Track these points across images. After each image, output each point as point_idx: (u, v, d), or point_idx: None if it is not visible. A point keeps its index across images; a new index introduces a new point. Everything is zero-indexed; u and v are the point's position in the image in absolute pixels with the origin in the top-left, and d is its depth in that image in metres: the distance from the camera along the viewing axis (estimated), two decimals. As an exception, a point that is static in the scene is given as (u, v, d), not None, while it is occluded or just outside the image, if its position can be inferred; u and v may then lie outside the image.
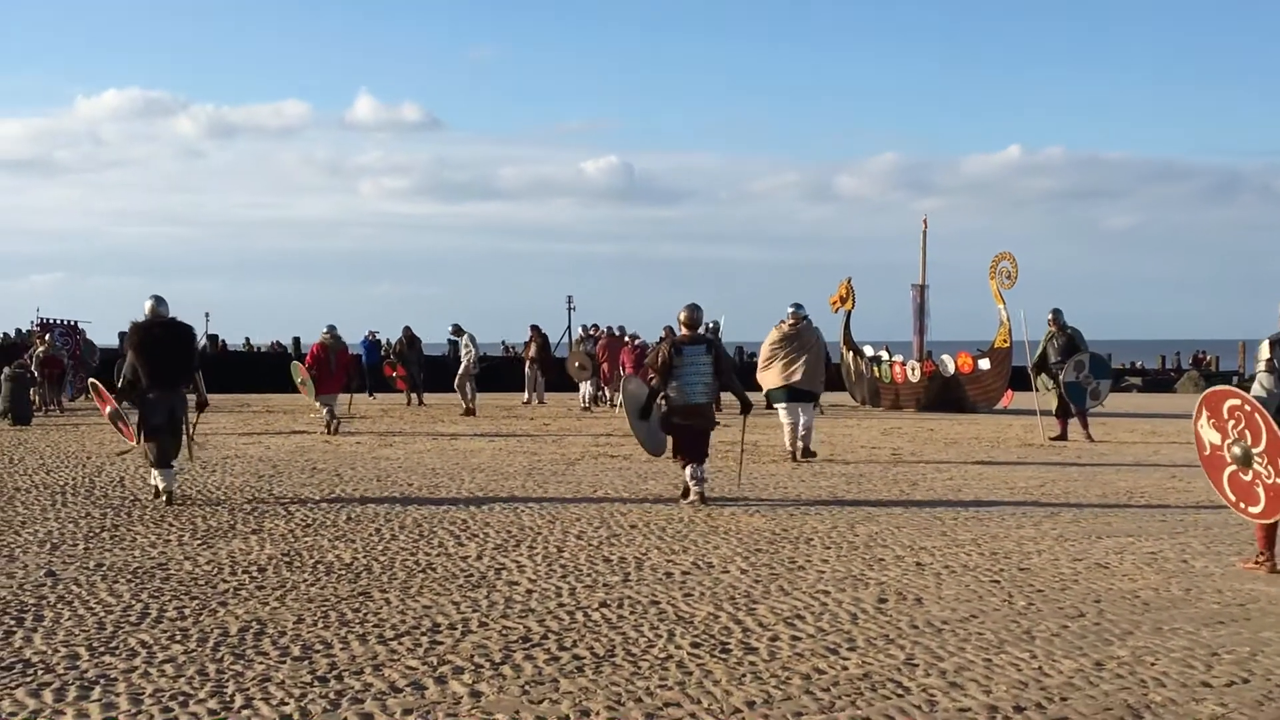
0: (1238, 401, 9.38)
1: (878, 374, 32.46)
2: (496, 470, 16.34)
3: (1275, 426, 9.15)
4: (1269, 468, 9.16)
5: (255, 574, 9.31)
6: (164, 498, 13.21)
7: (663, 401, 13.60)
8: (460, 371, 28.87)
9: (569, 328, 60.81)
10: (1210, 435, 9.64)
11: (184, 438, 13.61)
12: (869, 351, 33.48)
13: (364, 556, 10.03)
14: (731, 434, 22.37)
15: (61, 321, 35.43)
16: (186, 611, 8.06)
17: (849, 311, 33.58)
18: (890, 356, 32.79)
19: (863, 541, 10.83)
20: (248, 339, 58.72)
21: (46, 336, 30.70)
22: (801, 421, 17.94)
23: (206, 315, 76.49)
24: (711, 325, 31.12)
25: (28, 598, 8.45)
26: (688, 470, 13.50)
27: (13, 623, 7.73)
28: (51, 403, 28.80)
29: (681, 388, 13.50)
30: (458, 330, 30.31)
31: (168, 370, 13.31)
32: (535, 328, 32.73)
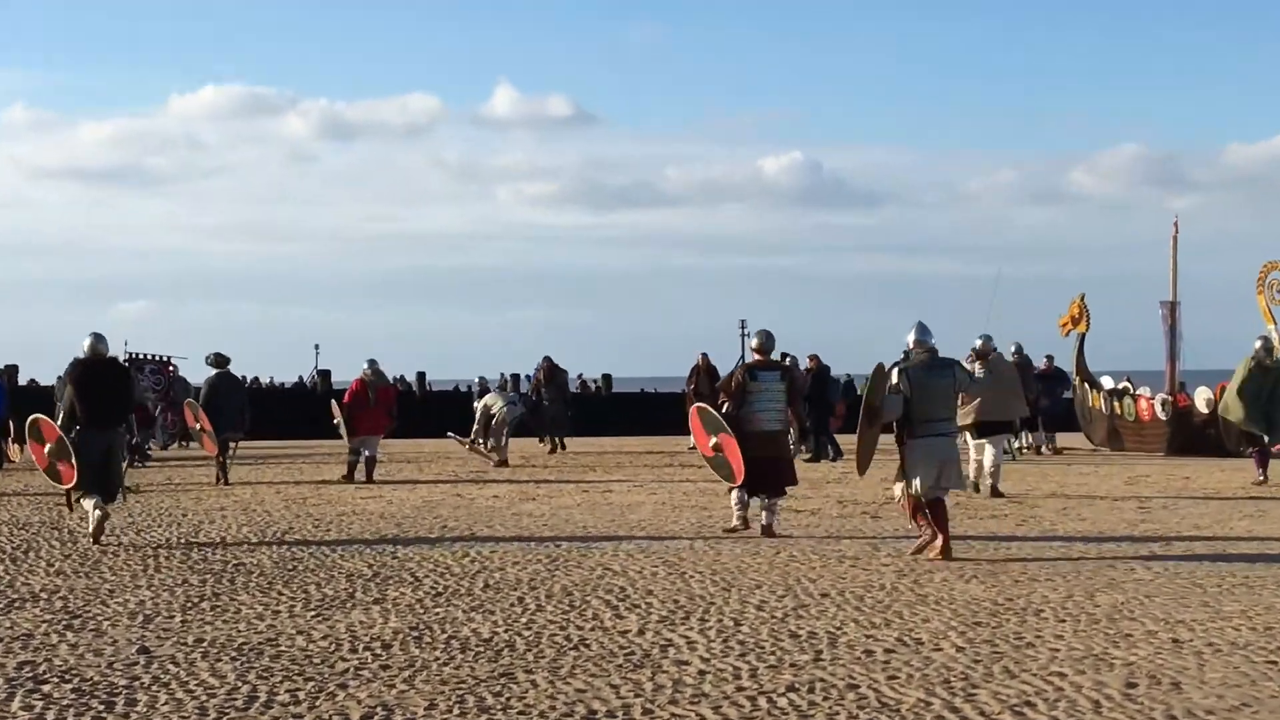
0: None
1: (1119, 410, 31.95)
2: (660, 528, 16.39)
3: None
4: None
5: (379, 651, 9.45)
6: (92, 532, 15.13)
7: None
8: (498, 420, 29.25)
9: (742, 357, 60.80)
10: None
11: (119, 477, 15.59)
12: (1108, 384, 32.96)
13: (505, 631, 10.12)
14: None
15: (152, 357, 36.34)
16: (301, 695, 8.21)
17: (1082, 335, 33.12)
18: (1134, 390, 32.23)
19: (1105, 613, 10.65)
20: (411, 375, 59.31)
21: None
22: (989, 456, 20.04)
23: (316, 348, 77.85)
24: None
25: (118, 678, 8.68)
26: (736, 497, 15.55)
27: (101, 708, 7.94)
28: (138, 453, 29.49)
29: (756, 414, 15.30)
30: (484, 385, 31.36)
31: (105, 409, 15.31)
32: (704, 356, 32.83)
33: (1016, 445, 29.81)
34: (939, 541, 13.59)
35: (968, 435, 20.55)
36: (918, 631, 9.98)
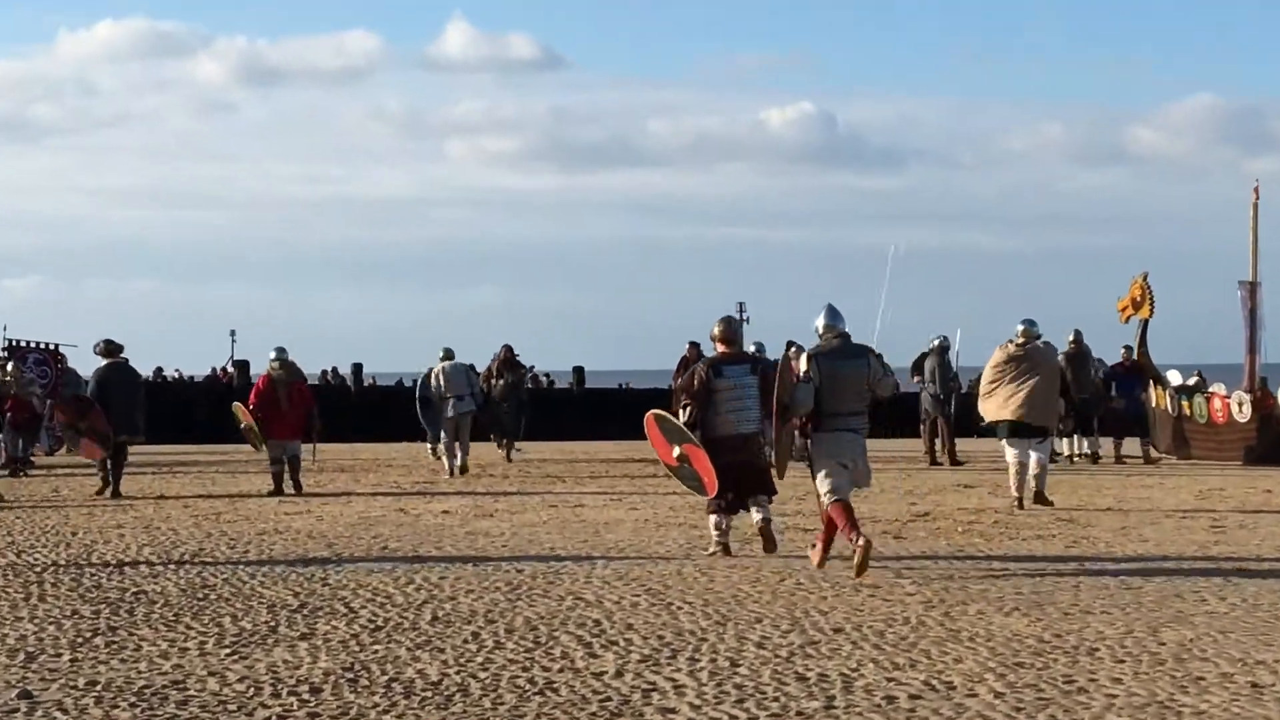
0: None
1: (1188, 411, 32.00)
2: (641, 550, 16.39)
3: None
4: None
5: (307, 696, 9.43)
6: None
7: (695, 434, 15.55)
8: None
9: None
10: None
11: None
12: (1175, 379, 33.02)
13: (457, 672, 10.12)
14: (976, 499, 22.19)
15: (36, 345, 36.24)
16: (212, 748, 8.19)
17: (1145, 322, 33.16)
18: (1207, 386, 32.27)
19: (1171, 652, 10.67)
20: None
21: (10, 366, 31.20)
22: (1033, 460, 20.59)
23: (232, 334, 78.03)
24: (938, 342, 31.00)
25: (-5, 728, 8.65)
26: (715, 520, 15.78)
27: (-25, 763, 7.93)
28: (19, 459, 29.34)
29: (725, 416, 15.58)
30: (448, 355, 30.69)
31: None
32: (694, 347, 32.81)
33: (1065, 454, 29.90)
34: (819, 549, 14.67)
35: (1002, 440, 20.98)
36: (949, 674, 9.98)
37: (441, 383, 28.97)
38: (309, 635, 11.48)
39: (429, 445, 32.78)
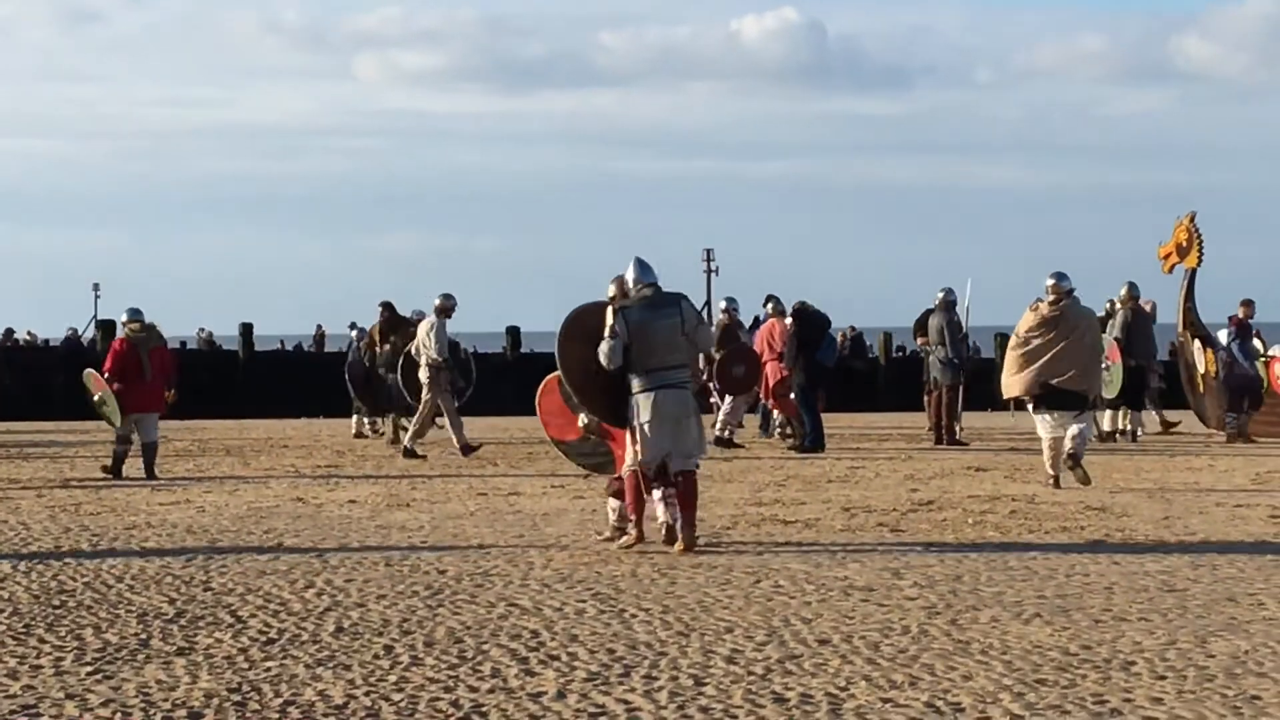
0: None
1: (1244, 377, 32.06)
2: (588, 546, 16.40)
3: None
4: None
5: (184, 723, 9.42)
6: None
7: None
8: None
9: (708, 302, 60.83)
10: None
11: None
12: (1227, 339, 33.10)
13: (366, 694, 10.11)
14: (990, 484, 22.24)
15: None
16: (70, 786, 8.19)
17: (1191, 271, 33.26)
18: (1265, 348, 32.36)
19: (1222, 667, 10.71)
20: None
21: None
22: (1071, 431, 20.87)
23: (95, 288, 77.79)
24: (942, 295, 30.99)
25: None
26: (611, 502, 16.59)
27: None
28: None
29: None
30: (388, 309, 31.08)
31: None
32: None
33: (1107, 430, 30.00)
34: (677, 530, 15.76)
35: (1033, 411, 21.27)
36: (956, 693, 10.01)
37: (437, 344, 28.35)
38: (187, 650, 11.45)
39: (362, 421, 32.91)
